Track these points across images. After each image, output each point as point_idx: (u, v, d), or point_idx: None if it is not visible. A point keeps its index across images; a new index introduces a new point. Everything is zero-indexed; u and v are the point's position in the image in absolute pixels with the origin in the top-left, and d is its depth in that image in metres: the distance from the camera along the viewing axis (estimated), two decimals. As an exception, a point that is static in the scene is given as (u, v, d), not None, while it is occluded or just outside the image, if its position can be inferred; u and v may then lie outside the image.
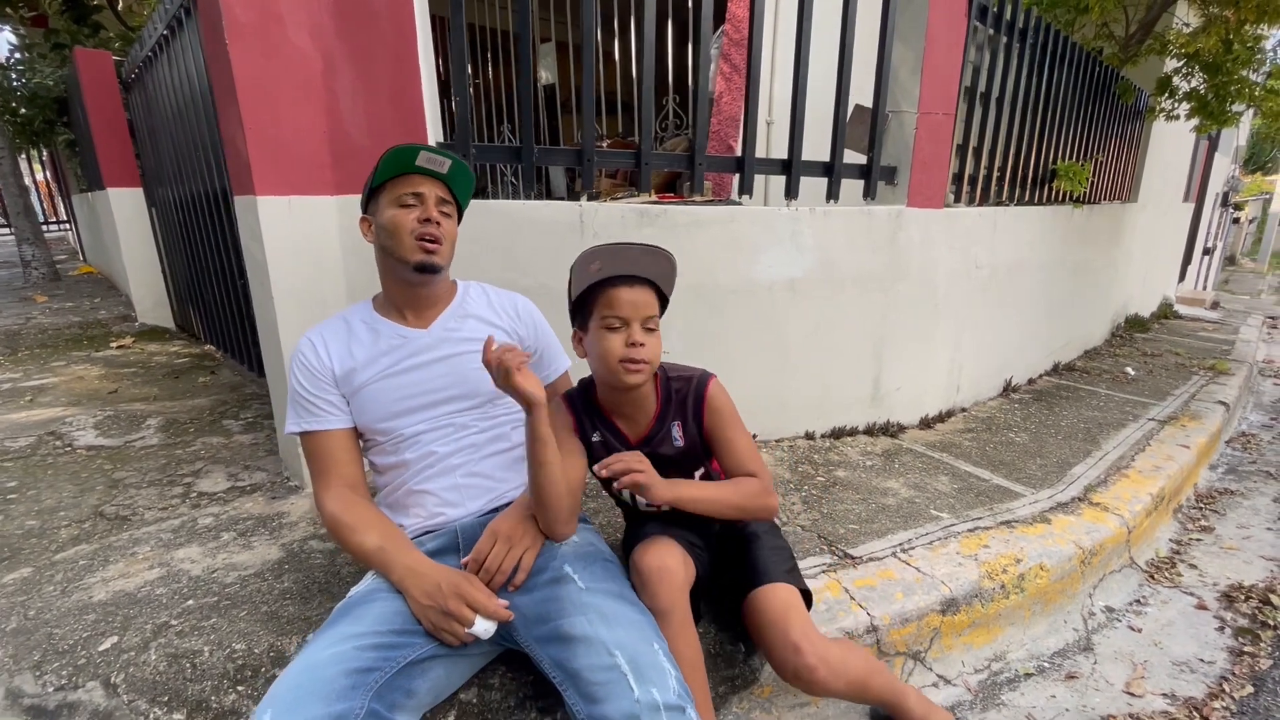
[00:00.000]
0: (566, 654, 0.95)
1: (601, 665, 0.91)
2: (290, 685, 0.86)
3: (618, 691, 0.88)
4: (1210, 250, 11.20)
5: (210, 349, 3.71)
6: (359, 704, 0.86)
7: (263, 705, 0.85)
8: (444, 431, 1.22)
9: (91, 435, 2.36)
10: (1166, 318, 6.79)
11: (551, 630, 0.99)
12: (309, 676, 0.87)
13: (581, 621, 0.97)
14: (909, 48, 2.34)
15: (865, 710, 1.41)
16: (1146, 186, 5.34)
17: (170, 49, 2.91)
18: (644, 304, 1.11)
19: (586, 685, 0.91)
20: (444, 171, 1.19)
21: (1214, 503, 2.69)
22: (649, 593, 1.07)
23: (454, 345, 1.24)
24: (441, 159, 1.18)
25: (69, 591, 1.42)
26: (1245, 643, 1.73)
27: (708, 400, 1.21)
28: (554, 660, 0.97)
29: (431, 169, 1.18)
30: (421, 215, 1.16)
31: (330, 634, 0.96)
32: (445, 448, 1.21)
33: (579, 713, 0.91)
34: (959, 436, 2.70)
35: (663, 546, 1.11)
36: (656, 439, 1.23)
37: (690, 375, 1.24)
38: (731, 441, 1.22)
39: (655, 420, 1.23)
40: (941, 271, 2.66)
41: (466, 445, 1.23)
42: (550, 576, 1.07)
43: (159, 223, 4.08)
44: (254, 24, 1.54)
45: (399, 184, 1.17)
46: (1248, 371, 4.52)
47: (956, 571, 1.62)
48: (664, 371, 1.25)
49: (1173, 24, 4.27)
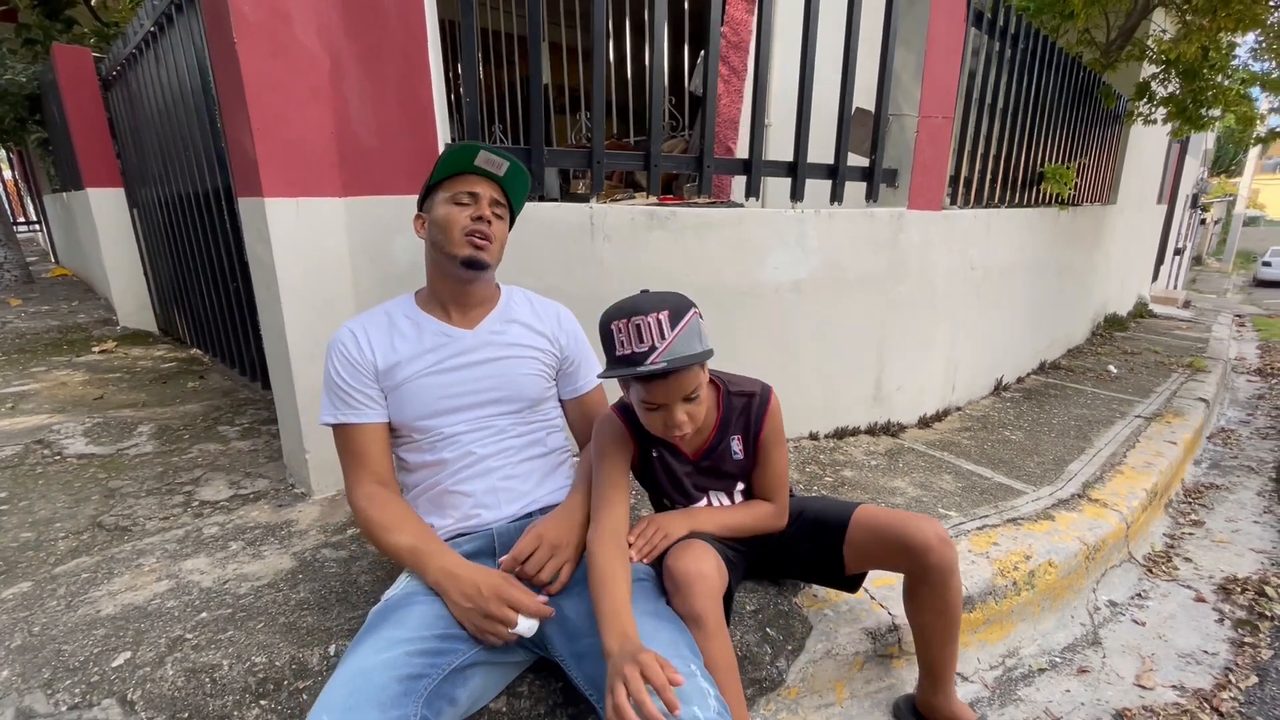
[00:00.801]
0: (603, 672, 0.93)
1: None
2: (344, 691, 0.85)
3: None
4: (1181, 250, 11.53)
5: (197, 353, 3.62)
6: (412, 711, 0.85)
7: (317, 711, 0.83)
8: (484, 433, 1.21)
9: (81, 443, 2.29)
10: (1143, 317, 6.97)
11: (588, 647, 0.98)
12: (362, 682, 0.85)
13: None
14: (910, 52, 2.37)
15: (888, 708, 1.42)
16: (1125, 189, 5.48)
17: (158, 46, 2.83)
18: (678, 388, 1.06)
19: None
20: (500, 174, 1.19)
21: (1202, 497, 2.77)
22: (682, 598, 1.06)
23: (499, 349, 1.24)
24: (500, 160, 1.18)
25: (74, 606, 1.37)
26: (1245, 634, 1.77)
27: (769, 416, 1.22)
28: (589, 678, 0.97)
29: (488, 170, 1.18)
30: (474, 213, 1.17)
31: (376, 639, 0.94)
32: (484, 449, 1.20)
33: None
34: (957, 435, 2.74)
35: (699, 551, 1.11)
36: (716, 453, 1.24)
37: (752, 389, 1.24)
38: (773, 461, 1.24)
39: (715, 434, 1.23)
40: (940, 272, 2.70)
41: (505, 448, 1.22)
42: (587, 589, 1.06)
43: (141, 224, 3.97)
44: (262, 22, 1.51)
45: (456, 182, 1.18)
46: (1223, 369, 4.66)
47: (970, 569, 1.64)
48: (724, 384, 1.24)
49: (1151, 31, 4.39)
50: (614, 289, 1.98)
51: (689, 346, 1.03)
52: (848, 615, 1.44)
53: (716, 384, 1.25)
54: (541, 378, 1.29)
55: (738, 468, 1.25)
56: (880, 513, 1.26)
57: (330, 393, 1.19)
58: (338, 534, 1.65)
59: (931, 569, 1.18)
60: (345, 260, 1.74)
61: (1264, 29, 3.78)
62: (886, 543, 1.22)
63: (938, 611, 1.24)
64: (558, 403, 1.37)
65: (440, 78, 1.82)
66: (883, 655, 1.46)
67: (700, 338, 1.06)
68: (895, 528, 1.20)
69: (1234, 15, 3.47)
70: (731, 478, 1.26)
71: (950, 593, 1.21)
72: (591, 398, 1.37)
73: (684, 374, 1.05)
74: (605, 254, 1.94)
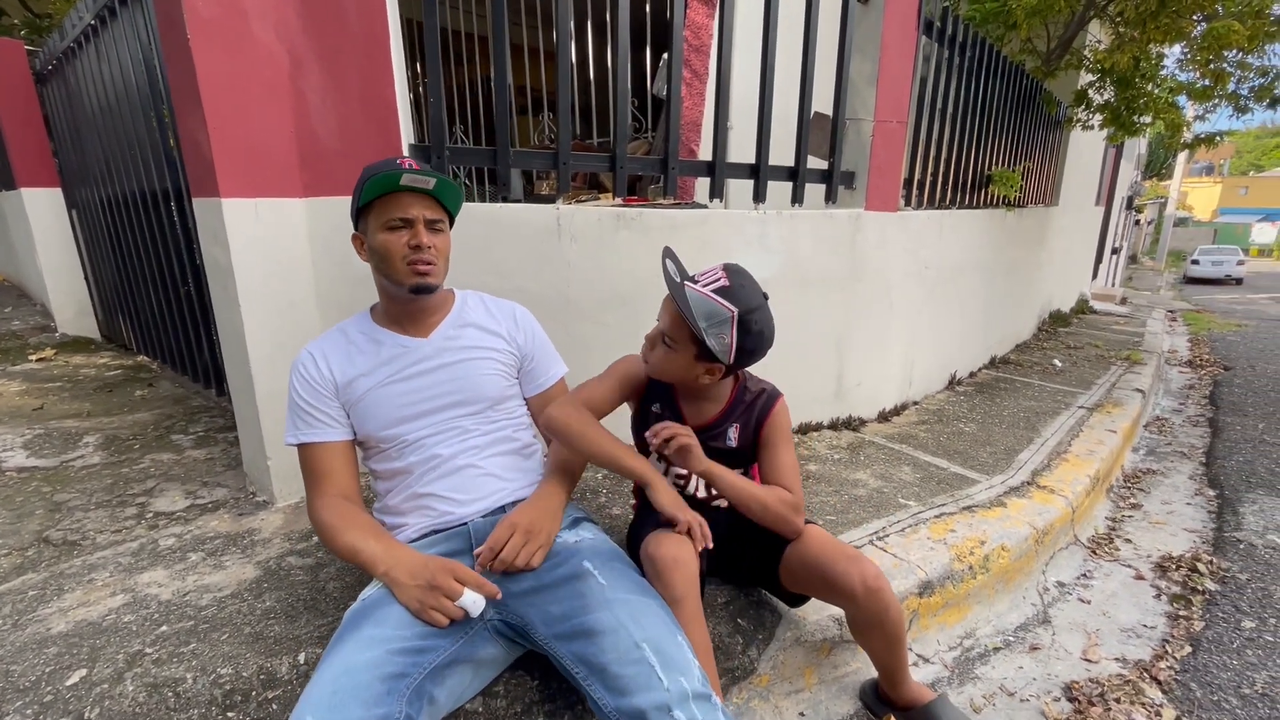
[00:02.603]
0: (592, 648, 0.96)
1: (630, 658, 0.92)
2: (329, 690, 0.85)
3: (648, 682, 0.90)
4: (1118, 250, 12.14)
5: (144, 360, 3.48)
6: (396, 709, 0.86)
7: (300, 710, 0.83)
8: (447, 435, 1.22)
9: (21, 456, 2.18)
10: (1084, 313, 7.33)
11: (575, 626, 0.99)
12: (347, 681, 0.86)
13: (606, 616, 0.98)
14: (865, 59, 2.45)
15: (854, 692, 1.47)
16: (1066, 191, 5.75)
17: (99, 41, 2.72)
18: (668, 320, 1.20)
19: (614, 678, 0.92)
20: (430, 188, 1.15)
21: (1139, 481, 2.94)
22: (663, 582, 1.09)
23: (455, 353, 1.24)
24: (425, 179, 1.13)
25: (21, 625, 1.31)
26: (1179, 608, 1.90)
27: (773, 415, 1.28)
28: (577, 656, 0.98)
29: (417, 187, 1.14)
30: (411, 240, 1.14)
31: (357, 638, 0.94)
32: (449, 450, 1.21)
33: (605, 705, 0.92)
34: (915, 428, 2.84)
35: (676, 538, 1.14)
36: (714, 432, 1.28)
37: (764, 388, 1.32)
38: (781, 456, 1.28)
39: (720, 416, 1.29)
40: (896, 271, 2.80)
41: (470, 446, 1.23)
42: (569, 572, 1.07)
43: (81, 226, 3.79)
44: (217, 18, 1.47)
45: (386, 204, 1.14)
46: (1157, 361, 4.94)
47: (929, 556, 1.71)
48: (743, 378, 1.32)
49: (1088, 41, 4.62)
50: (582, 290, 2.00)
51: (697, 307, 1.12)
52: (812, 602, 1.48)
53: (736, 377, 1.31)
54: (501, 377, 1.29)
55: (729, 454, 1.28)
56: (815, 547, 1.24)
57: (293, 414, 1.20)
58: (303, 541, 1.62)
59: (862, 612, 1.22)
60: (307, 261, 1.70)
61: (1188, 41, 4.03)
62: (815, 579, 1.24)
63: (879, 640, 1.28)
64: (522, 401, 1.37)
65: (404, 79, 1.80)
66: (848, 640, 1.50)
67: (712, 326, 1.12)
68: (825, 568, 1.21)
69: (1162, 28, 3.69)
70: (722, 459, 1.27)
71: (888, 625, 1.23)
72: (555, 392, 1.37)
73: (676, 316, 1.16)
74: (573, 255, 1.95)
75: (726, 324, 1.12)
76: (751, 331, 1.14)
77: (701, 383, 1.22)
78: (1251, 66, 4.23)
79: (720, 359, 1.14)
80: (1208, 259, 18.73)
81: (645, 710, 0.87)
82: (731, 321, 1.12)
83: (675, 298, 1.14)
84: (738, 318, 1.11)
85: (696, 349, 1.16)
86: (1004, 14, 3.96)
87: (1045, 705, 1.49)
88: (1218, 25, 3.57)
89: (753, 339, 1.15)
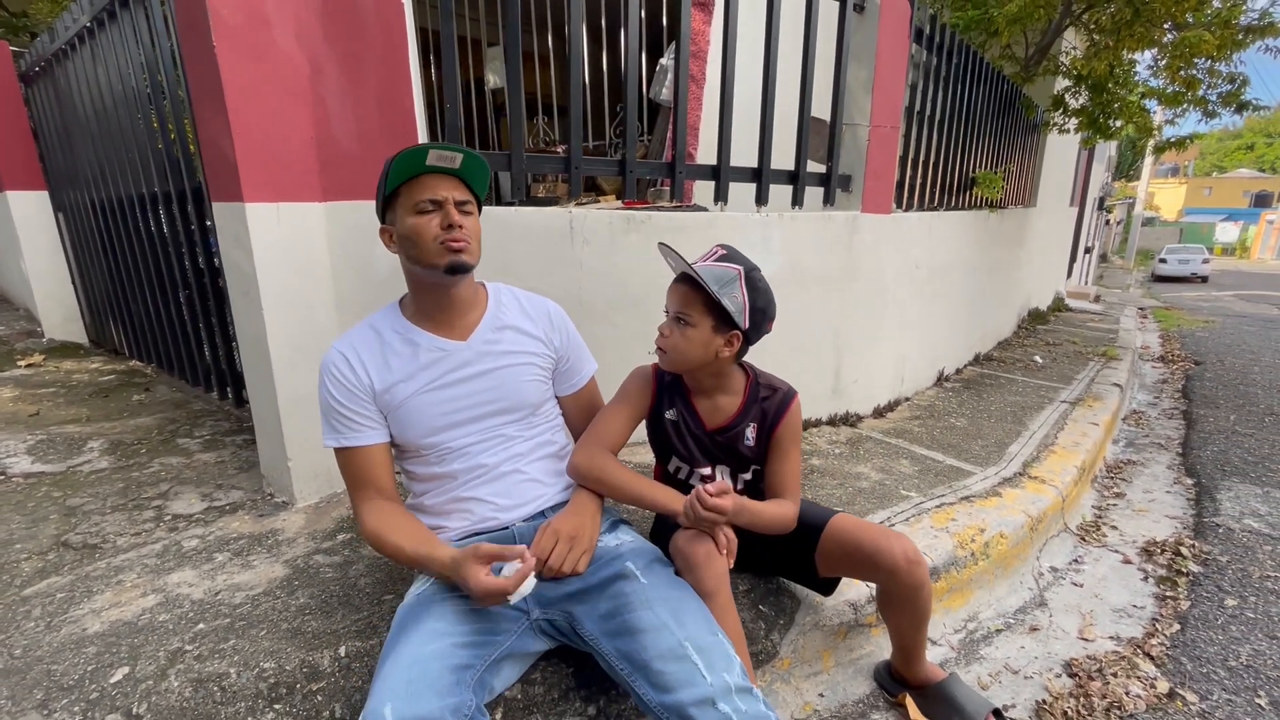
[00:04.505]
0: (635, 646, 0.99)
1: (673, 655, 0.96)
2: (402, 680, 0.88)
3: (691, 679, 0.93)
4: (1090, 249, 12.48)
5: (137, 365, 3.44)
6: (467, 698, 0.89)
7: (377, 700, 0.85)
8: (492, 443, 1.22)
9: (26, 461, 2.16)
10: (1060, 310, 7.55)
11: (619, 624, 1.03)
12: (420, 671, 0.89)
13: (649, 615, 1.02)
14: (862, 66, 2.53)
15: (869, 673, 1.54)
16: (1043, 192, 5.93)
17: (95, 43, 2.70)
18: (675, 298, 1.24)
19: (657, 674, 0.95)
20: (457, 167, 1.11)
21: (1121, 472, 3.06)
22: (696, 576, 1.14)
23: (496, 359, 1.23)
24: (452, 154, 1.10)
25: (55, 626, 1.32)
26: (1166, 589, 2.00)
27: (787, 415, 1.30)
28: (621, 652, 1.01)
29: (444, 166, 1.10)
30: (443, 221, 1.11)
31: (421, 632, 0.97)
32: (494, 458, 1.21)
33: (650, 701, 0.96)
34: (909, 423, 2.93)
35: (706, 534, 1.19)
36: (732, 433, 1.31)
37: (778, 387, 1.33)
38: (788, 460, 1.31)
39: (736, 416, 1.31)
40: (889, 271, 2.89)
41: (515, 454, 1.23)
42: (614, 573, 1.11)
43: (69, 229, 3.74)
44: (242, 26, 1.49)
45: (413, 189, 1.11)
46: (1132, 357, 5.12)
47: (934, 544, 1.78)
48: (755, 375, 1.34)
49: (1065, 48, 4.79)
50: (594, 291, 2.05)
51: (709, 276, 1.18)
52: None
53: (748, 373, 1.34)
54: (540, 382, 1.29)
55: (750, 453, 1.33)
56: (853, 527, 1.31)
57: (329, 416, 1.17)
58: (328, 540, 1.64)
59: (901, 586, 1.28)
60: (326, 265, 1.73)
61: (1160, 49, 4.20)
62: (855, 558, 1.30)
63: (908, 616, 1.34)
64: (556, 401, 1.38)
65: (419, 80, 1.84)
66: (863, 624, 1.58)
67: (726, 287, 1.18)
68: (866, 546, 1.27)
69: (1135, 36, 3.85)
70: (743, 460, 1.34)
71: (920, 600, 1.30)
72: (587, 390, 1.39)
73: (691, 291, 1.20)
74: (585, 257, 2.00)
75: (735, 282, 1.19)
76: (759, 288, 1.21)
77: (721, 360, 1.24)
78: (1220, 74, 4.42)
79: (737, 321, 1.19)
80: (1175, 258, 19.29)
81: (689, 704, 0.91)
82: (740, 279, 1.19)
83: (686, 270, 1.21)
84: (744, 274, 1.20)
85: (714, 319, 1.20)
86: (986, 21, 4.09)
87: (1048, 681, 1.57)
88: (1189, 35, 3.72)
89: (762, 295, 1.22)
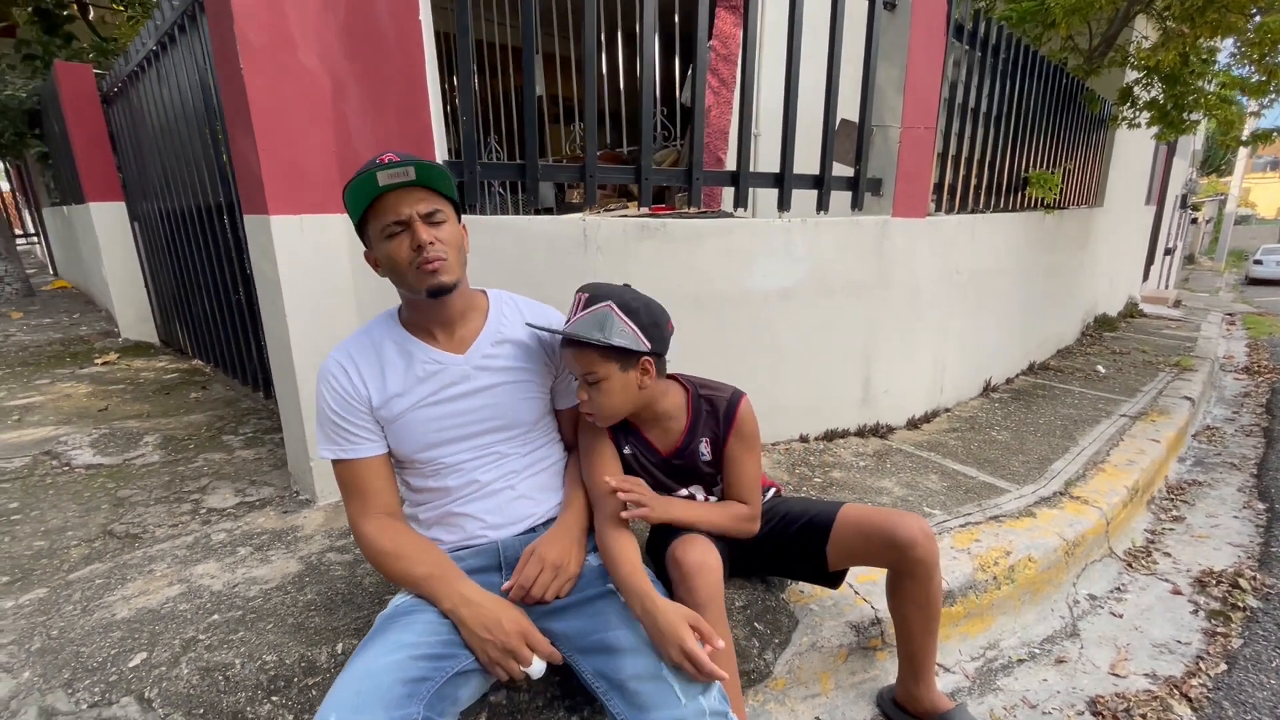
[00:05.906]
0: (612, 665, 0.99)
1: (648, 675, 0.96)
2: (351, 690, 0.89)
3: (666, 700, 0.93)
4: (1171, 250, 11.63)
5: (199, 364, 3.68)
6: (415, 711, 0.89)
7: (326, 709, 0.88)
8: (487, 459, 1.21)
9: (89, 454, 2.34)
10: (1133, 316, 7.06)
11: (596, 642, 1.03)
12: (370, 683, 0.90)
13: (627, 634, 1.01)
14: (893, 65, 2.44)
15: (872, 698, 1.48)
16: (1111, 191, 5.57)
17: (160, 65, 2.90)
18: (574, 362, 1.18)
19: (633, 694, 0.95)
20: (412, 178, 1.05)
21: (1184, 494, 2.84)
22: (689, 587, 1.12)
23: (494, 375, 1.20)
24: (403, 170, 1.04)
25: (90, 610, 1.43)
26: (1218, 624, 1.84)
27: (737, 420, 1.27)
28: (598, 671, 1.01)
29: (400, 182, 1.05)
30: (413, 243, 1.07)
31: (383, 643, 0.99)
32: (488, 475, 1.21)
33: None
34: (945, 436, 2.80)
35: (704, 544, 1.17)
36: (687, 453, 1.30)
37: (721, 392, 1.29)
38: (742, 466, 1.29)
39: (685, 434, 1.29)
40: (924, 277, 2.77)
41: (509, 471, 1.23)
42: (595, 592, 1.11)
43: (142, 237, 4.04)
44: (267, 47, 1.58)
45: (378, 213, 1.07)
46: (1210, 367, 4.74)
47: (952, 565, 1.70)
48: (694, 387, 1.31)
49: (1133, 37, 4.48)
50: (607, 298, 2.05)
51: (586, 330, 1.13)
52: (832, 609, 1.51)
53: (685, 387, 1.31)
54: (538, 400, 1.27)
55: (709, 468, 1.30)
56: (865, 510, 1.32)
57: (325, 426, 1.16)
58: (342, 538, 1.71)
59: (917, 563, 1.25)
60: (347, 274, 1.80)
61: (1241, 35, 3.87)
62: (872, 539, 1.27)
63: (920, 605, 1.30)
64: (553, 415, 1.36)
65: (437, 92, 1.89)
66: (866, 647, 1.52)
67: (606, 328, 1.12)
68: (881, 524, 1.27)
69: (1211, 23, 3.56)
70: (707, 477, 1.32)
71: (933, 586, 1.28)
72: None
73: (580, 351, 1.16)
74: (599, 265, 2.01)
75: (611, 316, 1.14)
76: (635, 306, 1.16)
77: (647, 395, 1.22)
78: (1311, 60, 4.02)
79: (637, 349, 1.15)
80: (1271, 259, 17.81)
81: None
82: (613, 311, 1.14)
83: (566, 340, 1.17)
84: (615, 303, 1.15)
85: (617, 361, 1.16)
86: (1042, 13, 3.87)
87: (1067, 719, 1.47)
88: (1270, 20, 3.42)
89: (644, 312, 1.17)
